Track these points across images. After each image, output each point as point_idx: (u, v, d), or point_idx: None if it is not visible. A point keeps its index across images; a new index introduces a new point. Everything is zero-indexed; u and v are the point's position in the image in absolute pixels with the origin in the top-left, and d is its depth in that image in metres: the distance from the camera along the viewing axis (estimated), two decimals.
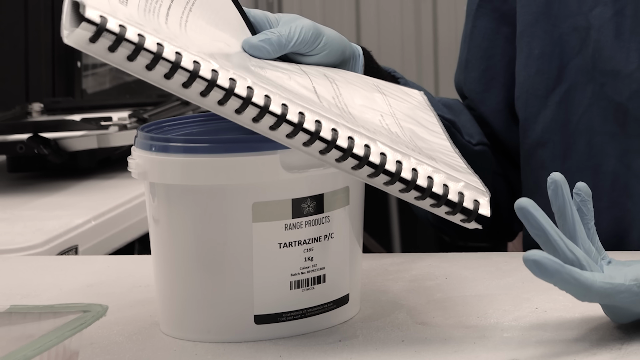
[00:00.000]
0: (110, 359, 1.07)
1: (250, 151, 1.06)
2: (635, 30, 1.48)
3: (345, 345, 1.08)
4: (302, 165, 1.08)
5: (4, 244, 1.76)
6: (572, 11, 1.55)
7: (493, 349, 1.06)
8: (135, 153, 1.12)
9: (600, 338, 1.09)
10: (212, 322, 1.12)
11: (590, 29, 1.51)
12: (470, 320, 1.15)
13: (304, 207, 1.08)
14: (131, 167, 1.12)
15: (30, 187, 2.12)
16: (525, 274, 1.18)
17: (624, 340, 1.07)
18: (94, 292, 1.33)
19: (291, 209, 1.07)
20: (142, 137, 1.13)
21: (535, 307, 1.18)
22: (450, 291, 1.28)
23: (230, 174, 1.08)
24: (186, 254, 1.12)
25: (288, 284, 1.09)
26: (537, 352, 1.05)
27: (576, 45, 1.51)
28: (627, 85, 1.48)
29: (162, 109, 2.19)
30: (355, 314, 1.17)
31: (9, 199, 2.06)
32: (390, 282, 1.33)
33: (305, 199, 1.08)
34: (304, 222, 1.08)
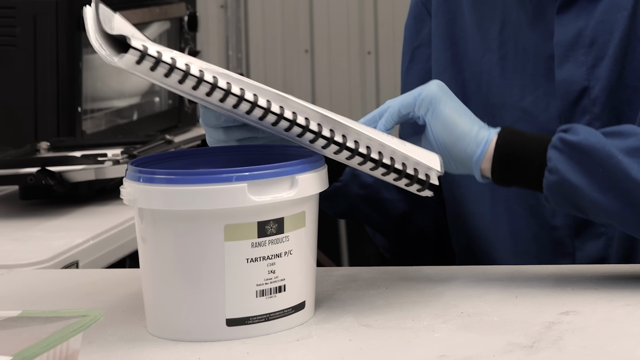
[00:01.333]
0: (106, 355, 1.07)
1: (222, 182, 1.07)
2: (515, 70, 1.51)
3: (302, 344, 1.08)
4: (266, 192, 1.08)
5: (17, 259, 1.75)
6: (470, 60, 1.57)
7: (425, 346, 1.07)
8: (127, 183, 1.13)
9: (515, 337, 1.08)
10: (190, 324, 1.12)
11: (483, 72, 1.53)
12: (406, 323, 1.16)
13: (267, 229, 1.08)
14: (123, 195, 1.13)
15: (38, 212, 2.11)
16: (453, 284, 1.33)
17: (535, 339, 1.07)
18: (92, 299, 1.32)
19: (257, 230, 1.08)
20: (132, 170, 1.14)
21: (461, 312, 1.19)
22: (390, 298, 1.28)
23: (205, 201, 1.08)
24: (169, 268, 1.12)
25: (254, 293, 1.09)
26: (462, 350, 1.06)
27: (474, 87, 1.52)
28: (511, 114, 1.49)
29: (148, 147, 2.19)
30: (310, 317, 1.17)
31: (20, 223, 2.04)
32: (340, 291, 1.32)
33: (268, 221, 1.09)
34: (268, 241, 1.08)
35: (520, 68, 1.52)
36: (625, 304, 1.21)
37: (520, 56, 1.52)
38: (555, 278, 1.38)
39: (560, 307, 1.21)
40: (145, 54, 1.05)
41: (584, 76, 1.47)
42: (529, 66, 1.51)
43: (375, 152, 1.16)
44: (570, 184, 1.24)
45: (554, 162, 1.24)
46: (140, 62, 1.05)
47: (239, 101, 1.10)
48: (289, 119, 1.14)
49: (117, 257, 2.00)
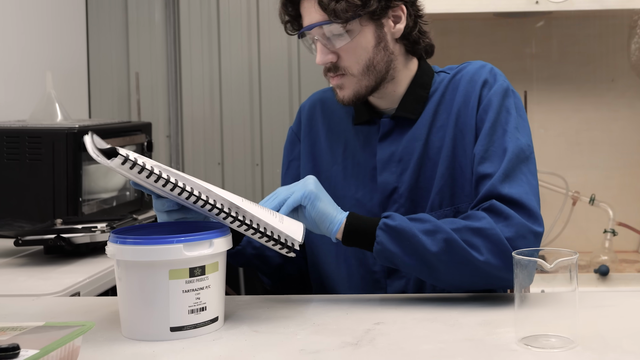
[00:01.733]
0: (95, 348, 1.26)
1: (167, 244, 1.28)
2: (352, 175, 1.70)
3: (216, 342, 1.29)
4: (194, 250, 1.29)
5: (42, 291, 1.87)
6: (324, 169, 1.74)
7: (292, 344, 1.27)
8: (109, 244, 1.32)
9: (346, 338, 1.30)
10: (148, 330, 1.31)
11: (331, 177, 1.71)
12: (280, 329, 1.36)
13: (195, 272, 1.30)
14: (107, 251, 1.32)
15: (55, 262, 2.21)
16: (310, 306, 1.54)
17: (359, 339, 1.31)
18: (88, 315, 1.47)
19: (189, 273, 1.29)
20: (112, 236, 1.32)
21: (314, 323, 1.40)
22: (271, 314, 1.46)
23: (157, 255, 1.28)
24: (135, 296, 1.31)
25: (187, 311, 1.30)
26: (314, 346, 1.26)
27: (327, 186, 1.60)
28: (349, 202, 1.67)
29: (122, 222, 2.39)
30: (221, 326, 1.37)
31: (44, 268, 2.13)
32: (239, 310, 1.49)
33: (195, 267, 1.30)
34: (195, 279, 1.30)
35: (355, 174, 1.69)
36: (412, 318, 1.41)
37: (355, 167, 1.70)
38: (373, 302, 1.56)
39: (375, 319, 1.40)
40: (127, 159, 1.26)
41: (395, 181, 1.66)
42: (360, 173, 1.69)
43: (256, 225, 1.35)
44: (389, 251, 1.48)
45: (380, 238, 1.48)
46: (124, 163, 1.25)
47: (182, 191, 1.30)
48: (209, 202, 1.32)
49: (104, 289, 2.10)
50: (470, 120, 1.60)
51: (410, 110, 1.65)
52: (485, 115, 1.57)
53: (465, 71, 1.66)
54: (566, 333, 1.23)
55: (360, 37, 1.57)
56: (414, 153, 1.63)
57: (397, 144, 1.65)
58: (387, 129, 1.66)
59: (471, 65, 1.67)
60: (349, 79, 1.60)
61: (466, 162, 1.59)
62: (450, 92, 1.65)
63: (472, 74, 1.64)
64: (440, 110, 1.65)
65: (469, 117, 1.60)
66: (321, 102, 1.79)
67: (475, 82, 1.62)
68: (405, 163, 1.64)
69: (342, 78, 1.60)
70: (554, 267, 1.21)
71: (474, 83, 1.62)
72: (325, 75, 1.63)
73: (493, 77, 1.62)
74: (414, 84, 1.67)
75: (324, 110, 1.77)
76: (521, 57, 3.79)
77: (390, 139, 1.66)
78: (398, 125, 1.66)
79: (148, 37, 4.07)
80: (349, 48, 1.57)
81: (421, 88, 1.67)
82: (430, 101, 1.66)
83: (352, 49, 1.57)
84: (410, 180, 1.63)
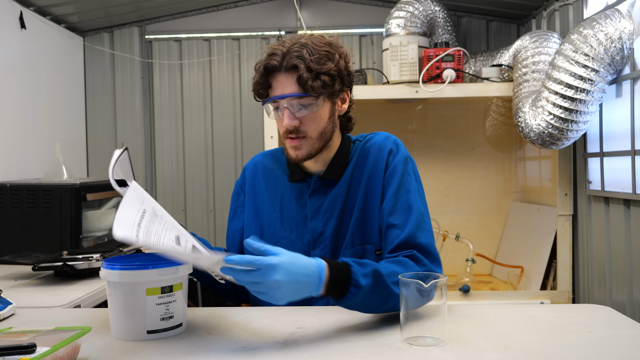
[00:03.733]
0: (90, 346, 1.22)
1: (145, 269, 1.25)
2: (288, 221, 1.60)
3: (180, 341, 1.25)
4: (165, 274, 1.26)
5: (52, 303, 1.82)
6: (264, 215, 1.63)
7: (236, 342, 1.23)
8: (102, 270, 1.29)
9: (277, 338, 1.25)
10: (130, 333, 1.27)
11: (271, 221, 1.62)
12: (228, 332, 1.30)
13: (165, 290, 1.26)
14: (100, 275, 1.29)
15: (62, 282, 2.15)
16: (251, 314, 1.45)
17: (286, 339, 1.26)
18: (87, 322, 1.40)
19: (160, 290, 1.26)
20: (104, 264, 1.29)
21: (253, 327, 1.34)
22: (220, 321, 1.40)
23: (137, 277, 1.25)
24: (120, 309, 1.27)
25: (159, 318, 1.27)
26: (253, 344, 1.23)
27: (267, 228, 1.60)
28: (285, 241, 1.58)
29: (112, 253, 2.31)
30: (184, 330, 1.33)
31: (54, 287, 2.07)
32: (199, 317, 1.42)
33: (165, 287, 1.27)
34: (165, 295, 1.26)
35: (290, 220, 1.60)
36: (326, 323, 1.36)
37: (290, 215, 1.61)
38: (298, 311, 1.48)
39: (298, 324, 1.37)
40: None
41: (322, 226, 1.57)
42: (293, 220, 1.60)
43: None
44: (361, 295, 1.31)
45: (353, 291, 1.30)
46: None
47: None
48: None
49: (98, 303, 2.02)
50: (379, 182, 1.54)
51: (335, 174, 1.58)
52: (391, 178, 1.52)
53: (373, 141, 1.60)
54: (438, 334, 1.22)
55: (321, 110, 1.50)
56: (337, 206, 1.56)
57: (324, 199, 1.58)
58: (316, 187, 1.59)
59: (378, 135, 1.61)
60: (306, 141, 1.51)
61: (374, 213, 1.53)
62: (362, 157, 1.59)
63: (380, 144, 1.58)
64: (356, 172, 1.58)
65: (377, 178, 1.54)
66: (262, 163, 1.70)
67: (382, 150, 1.56)
68: (330, 213, 1.56)
69: (301, 140, 1.50)
70: (429, 286, 1.19)
71: (381, 151, 1.56)
72: (284, 137, 1.52)
73: (396, 147, 1.57)
74: (339, 153, 1.59)
75: (264, 169, 1.68)
76: (405, 132, 3.84)
77: (318, 194, 1.59)
78: (324, 184, 1.58)
79: (130, 117, 4.06)
80: (312, 117, 1.49)
81: (343, 156, 1.59)
82: (349, 165, 1.59)
83: (313, 118, 1.49)
84: (333, 227, 1.56)
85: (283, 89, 1.47)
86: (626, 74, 2.48)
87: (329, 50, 1.48)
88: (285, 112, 1.49)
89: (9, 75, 3.06)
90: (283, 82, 1.47)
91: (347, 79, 1.54)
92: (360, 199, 1.55)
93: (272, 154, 1.71)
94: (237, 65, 4.01)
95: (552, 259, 3.16)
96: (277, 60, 1.46)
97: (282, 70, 1.47)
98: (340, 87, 1.51)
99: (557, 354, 1.14)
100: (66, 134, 3.70)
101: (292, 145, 1.52)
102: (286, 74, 1.46)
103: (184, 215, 4.08)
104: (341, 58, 1.50)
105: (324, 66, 1.45)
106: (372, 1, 3.97)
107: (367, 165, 1.57)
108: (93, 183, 2.81)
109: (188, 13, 4.04)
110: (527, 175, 3.70)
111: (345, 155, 1.60)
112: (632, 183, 2.42)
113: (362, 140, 1.64)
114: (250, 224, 1.65)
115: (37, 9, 3.36)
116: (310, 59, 1.44)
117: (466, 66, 3.32)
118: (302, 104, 1.48)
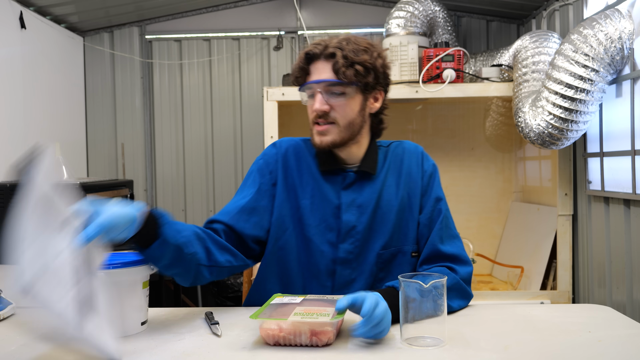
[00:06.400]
0: None
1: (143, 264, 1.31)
2: (317, 209, 1.57)
3: (180, 342, 1.24)
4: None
5: None
6: (297, 198, 1.60)
7: (226, 341, 1.25)
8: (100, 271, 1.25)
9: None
10: (130, 325, 1.31)
11: (300, 208, 1.59)
12: (234, 332, 1.32)
13: None
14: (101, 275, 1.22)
15: None
16: None
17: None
18: None
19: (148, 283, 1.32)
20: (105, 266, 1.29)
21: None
22: (226, 319, 1.40)
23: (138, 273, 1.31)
24: (123, 303, 1.29)
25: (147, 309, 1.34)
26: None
27: (296, 214, 1.58)
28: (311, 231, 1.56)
29: None
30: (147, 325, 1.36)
31: None
32: (198, 317, 1.44)
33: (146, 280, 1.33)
34: None
35: (320, 210, 1.59)
36: None
37: (321, 204, 1.59)
38: None
39: None
40: None
41: (355, 220, 1.57)
42: (324, 210, 1.58)
43: None
44: None
45: None
46: None
47: None
48: None
49: None
50: (416, 188, 1.61)
51: (372, 169, 1.60)
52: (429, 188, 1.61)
53: (404, 147, 1.67)
54: (438, 335, 1.22)
55: (351, 100, 1.53)
56: (371, 202, 1.58)
57: (359, 193, 1.59)
58: (351, 180, 1.59)
59: (406, 142, 1.68)
60: (334, 127, 1.53)
61: (412, 217, 1.59)
62: (395, 161, 1.64)
63: (413, 150, 1.66)
64: (390, 173, 1.62)
65: (414, 184, 1.61)
66: (294, 146, 1.67)
67: (416, 156, 1.65)
68: (364, 208, 1.58)
69: (329, 126, 1.53)
70: (429, 286, 1.19)
71: (416, 158, 1.64)
72: (313, 124, 1.56)
73: (426, 155, 1.66)
74: (370, 150, 1.62)
75: (296, 152, 1.65)
76: (405, 132, 3.84)
77: (353, 188, 1.60)
78: (359, 178, 1.59)
79: (130, 117, 4.08)
80: (342, 104, 1.52)
81: (375, 153, 1.62)
82: (384, 166, 1.63)
83: (343, 106, 1.52)
84: (366, 222, 1.57)
85: (319, 75, 1.53)
86: (626, 74, 2.49)
87: (368, 47, 1.54)
88: (317, 96, 1.52)
89: (9, 75, 3.08)
90: (320, 69, 1.53)
91: (383, 78, 1.58)
92: (398, 201, 1.58)
93: (304, 140, 1.69)
94: (237, 65, 4.02)
95: (552, 259, 3.17)
96: (319, 49, 1.53)
97: (321, 57, 1.53)
98: (374, 82, 1.55)
99: (557, 354, 1.15)
100: (66, 133, 3.72)
101: (319, 131, 1.54)
102: (324, 61, 1.52)
103: (184, 215, 4.09)
104: (379, 57, 1.55)
105: (360, 57, 1.50)
106: (372, 1, 3.98)
107: (403, 169, 1.62)
108: (93, 183, 2.84)
109: (188, 13, 4.05)
110: (527, 175, 3.71)
111: (375, 155, 1.63)
112: (632, 183, 2.43)
113: (386, 145, 1.68)
114: (282, 205, 1.61)
115: (37, 9, 3.38)
116: (348, 49, 1.50)
117: (466, 66, 3.34)
118: (334, 91, 1.52)
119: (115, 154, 4.04)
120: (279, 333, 1.19)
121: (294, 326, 1.19)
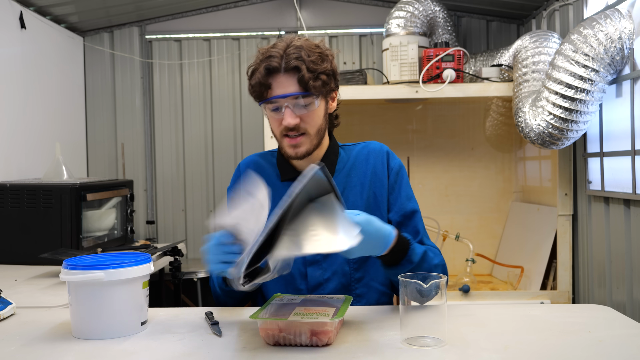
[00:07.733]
0: (89, 344, 1.23)
1: (143, 263, 1.32)
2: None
3: (180, 342, 1.25)
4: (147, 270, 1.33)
5: (50, 303, 1.83)
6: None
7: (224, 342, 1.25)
8: (100, 272, 1.30)
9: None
10: (130, 325, 1.32)
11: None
12: (234, 332, 1.32)
13: None
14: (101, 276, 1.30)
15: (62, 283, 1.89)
16: None
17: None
18: None
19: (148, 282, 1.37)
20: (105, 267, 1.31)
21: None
22: (226, 318, 1.40)
23: (138, 273, 1.32)
24: (123, 304, 1.31)
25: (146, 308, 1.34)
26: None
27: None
28: None
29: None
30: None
31: (53, 287, 2.09)
32: (198, 317, 1.44)
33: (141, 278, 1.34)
34: None
35: None
36: None
37: None
38: None
39: None
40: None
41: None
42: None
43: None
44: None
45: None
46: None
47: None
48: None
49: None
50: (382, 186, 1.61)
51: (330, 171, 1.59)
52: (395, 185, 1.62)
53: (371, 148, 1.67)
54: (438, 335, 1.22)
55: (318, 108, 1.54)
56: None
57: None
58: None
59: (372, 144, 1.68)
60: (306, 138, 1.54)
61: (380, 215, 1.59)
62: (360, 161, 1.64)
63: (378, 150, 1.66)
64: (352, 174, 1.62)
65: (380, 182, 1.62)
66: (253, 161, 1.71)
67: (381, 156, 1.65)
68: None
69: (301, 137, 1.54)
70: (429, 286, 1.18)
71: (381, 157, 1.64)
72: (282, 137, 1.57)
73: (392, 154, 1.66)
74: (329, 151, 1.63)
75: (256, 167, 1.68)
76: (405, 132, 3.84)
77: None
78: None
79: (130, 117, 4.08)
80: (311, 115, 1.53)
81: (334, 154, 1.64)
82: (345, 166, 1.63)
83: (312, 116, 1.54)
84: None
85: (285, 89, 1.50)
86: (626, 74, 2.49)
87: (321, 52, 1.54)
88: (286, 111, 1.51)
89: (9, 75, 3.07)
90: (284, 83, 1.50)
91: (337, 78, 1.60)
92: (364, 201, 1.59)
93: (262, 155, 1.73)
94: (237, 65, 4.03)
95: (552, 259, 3.17)
96: (277, 62, 1.50)
97: (282, 71, 1.50)
98: (334, 86, 1.58)
99: (557, 354, 1.15)
100: (66, 134, 3.71)
101: (292, 144, 1.55)
102: (286, 74, 1.50)
103: (184, 215, 4.10)
104: (332, 59, 1.57)
105: (322, 66, 1.51)
106: (372, 1, 3.98)
107: (369, 169, 1.62)
108: (93, 183, 2.83)
109: (188, 13, 4.05)
110: (527, 175, 3.71)
111: (335, 154, 1.63)
112: (632, 183, 2.43)
113: (352, 145, 1.69)
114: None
115: (37, 9, 3.37)
116: (310, 60, 1.49)
117: (466, 66, 3.33)
118: (303, 103, 1.51)
119: (115, 154, 4.04)
120: (278, 333, 1.19)
121: (294, 326, 1.19)
